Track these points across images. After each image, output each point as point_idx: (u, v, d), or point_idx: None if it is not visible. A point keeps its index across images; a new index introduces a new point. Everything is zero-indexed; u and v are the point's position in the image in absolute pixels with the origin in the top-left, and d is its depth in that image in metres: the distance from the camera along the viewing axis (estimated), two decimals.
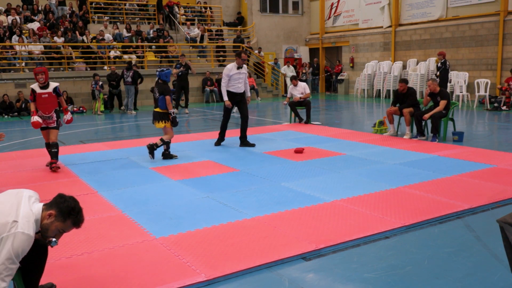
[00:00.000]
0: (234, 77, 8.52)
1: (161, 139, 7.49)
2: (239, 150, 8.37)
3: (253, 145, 8.59)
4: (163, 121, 7.41)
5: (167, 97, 7.31)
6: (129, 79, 15.67)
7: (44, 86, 6.92)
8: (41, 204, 2.81)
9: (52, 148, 7.01)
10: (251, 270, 3.52)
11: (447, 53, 17.16)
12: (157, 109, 7.42)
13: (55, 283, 3.26)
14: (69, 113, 7.28)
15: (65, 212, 2.76)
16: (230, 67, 8.54)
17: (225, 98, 8.56)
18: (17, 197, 2.77)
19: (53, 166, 6.92)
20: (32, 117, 6.92)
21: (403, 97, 9.43)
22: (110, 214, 4.87)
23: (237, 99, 8.66)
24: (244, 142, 8.69)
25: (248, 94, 8.85)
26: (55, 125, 7.06)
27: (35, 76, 6.90)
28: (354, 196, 5.28)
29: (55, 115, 7.03)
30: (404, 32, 19.05)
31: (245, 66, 8.71)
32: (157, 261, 3.66)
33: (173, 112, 7.38)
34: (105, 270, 3.54)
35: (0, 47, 16.55)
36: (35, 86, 6.93)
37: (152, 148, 7.45)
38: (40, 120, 6.91)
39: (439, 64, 14.22)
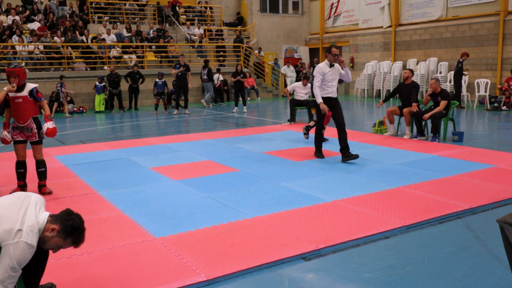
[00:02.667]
0: (327, 78, 7.24)
1: (314, 121, 8.52)
2: (239, 150, 8.35)
3: (356, 157, 7.04)
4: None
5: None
6: (206, 77, 17.35)
7: (19, 88, 5.50)
8: (47, 214, 2.84)
9: (39, 168, 5.77)
10: (251, 270, 3.52)
11: (447, 53, 17.20)
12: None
13: (55, 283, 3.27)
14: (51, 121, 5.64)
15: (68, 231, 2.79)
16: (323, 65, 7.27)
17: (319, 99, 7.21)
18: (25, 202, 2.81)
19: (45, 191, 5.74)
20: (2, 131, 5.53)
21: (405, 88, 9.26)
22: (110, 214, 4.87)
23: (332, 103, 7.35)
24: (346, 154, 7.10)
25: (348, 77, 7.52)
26: (38, 139, 5.67)
27: (7, 78, 5.49)
28: (354, 196, 5.28)
29: (34, 125, 5.59)
30: (404, 32, 19.05)
31: (337, 64, 7.36)
32: (157, 261, 3.66)
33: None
34: (105, 270, 3.54)
35: (0, 47, 16.54)
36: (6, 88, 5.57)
37: (307, 129, 8.84)
38: (8, 136, 5.55)
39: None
